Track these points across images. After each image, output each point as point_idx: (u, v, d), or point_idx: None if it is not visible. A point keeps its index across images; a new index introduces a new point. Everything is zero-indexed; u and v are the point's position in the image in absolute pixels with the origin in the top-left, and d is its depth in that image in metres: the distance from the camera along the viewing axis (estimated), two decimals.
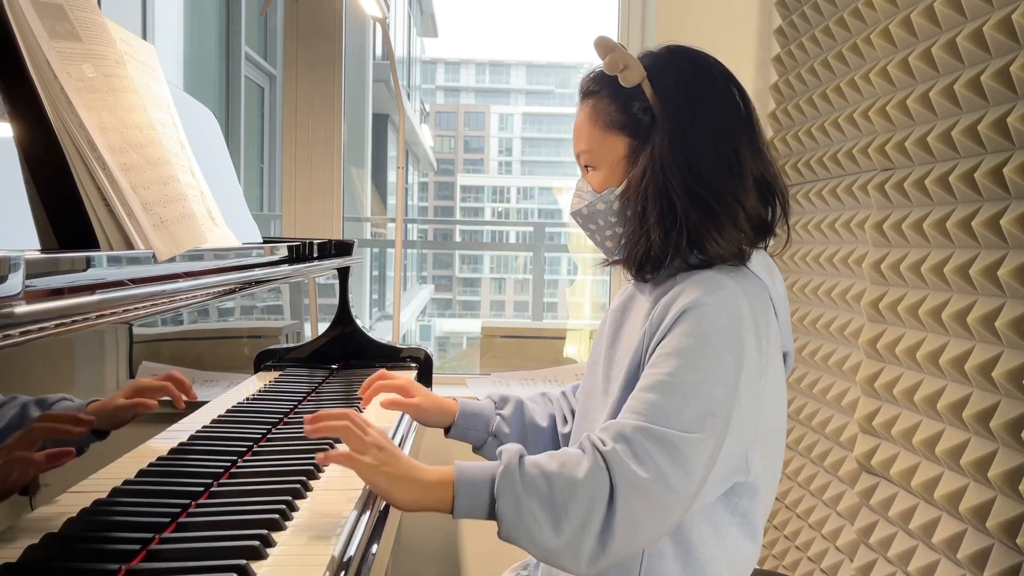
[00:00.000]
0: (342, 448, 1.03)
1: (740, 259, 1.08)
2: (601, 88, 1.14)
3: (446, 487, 0.97)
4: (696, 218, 1.06)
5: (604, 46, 1.11)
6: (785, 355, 1.15)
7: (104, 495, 0.86)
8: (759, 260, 1.12)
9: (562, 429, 1.32)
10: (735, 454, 1.03)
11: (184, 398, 1.07)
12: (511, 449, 0.99)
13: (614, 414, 1.07)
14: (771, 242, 1.17)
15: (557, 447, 1.30)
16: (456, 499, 0.96)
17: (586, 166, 1.16)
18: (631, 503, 0.94)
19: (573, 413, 1.32)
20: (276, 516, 0.94)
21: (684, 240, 1.07)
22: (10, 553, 0.71)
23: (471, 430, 1.31)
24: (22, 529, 0.74)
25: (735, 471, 1.04)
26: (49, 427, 0.76)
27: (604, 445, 0.97)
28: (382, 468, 0.97)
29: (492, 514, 0.96)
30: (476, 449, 1.32)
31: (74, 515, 0.80)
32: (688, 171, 1.06)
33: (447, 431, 1.32)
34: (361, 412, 1.45)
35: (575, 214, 1.18)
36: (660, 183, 1.07)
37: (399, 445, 1.29)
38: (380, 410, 1.37)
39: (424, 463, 1.01)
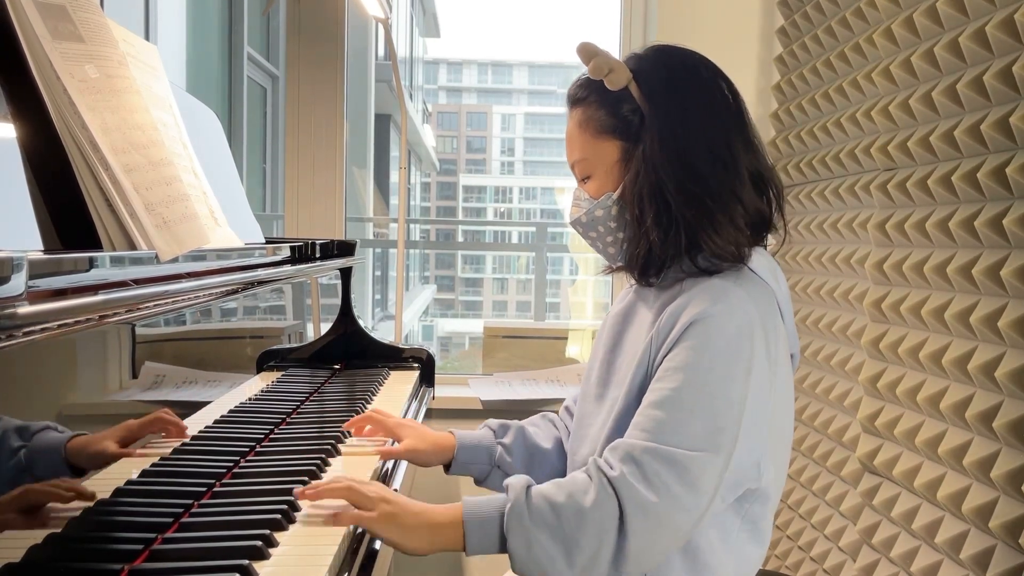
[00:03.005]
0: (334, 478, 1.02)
1: (739, 259, 1.07)
2: (589, 94, 1.12)
3: (456, 527, 0.97)
4: (692, 216, 1.05)
5: (587, 52, 1.10)
6: (792, 357, 1.14)
7: (107, 495, 0.86)
8: (763, 262, 1.10)
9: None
10: (746, 462, 1.02)
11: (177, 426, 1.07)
12: (517, 484, 0.99)
13: (615, 423, 1.07)
14: (770, 240, 1.16)
15: (561, 467, 1.27)
16: (467, 538, 0.96)
17: (582, 176, 1.15)
18: (642, 528, 0.94)
19: None
20: (279, 516, 0.94)
21: (683, 240, 1.06)
22: (13, 553, 0.71)
23: (473, 464, 1.26)
24: (25, 529, 0.74)
25: (746, 479, 1.03)
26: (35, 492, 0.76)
27: (612, 469, 0.97)
28: (392, 521, 0.97)
29: (504, 549, 0.96)
30: (479, 482, 1.28)
31: (77, 515, 0.80)
32: (681, 169, 1.05)
33: (447, 468, 1.27)
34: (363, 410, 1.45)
35: (575, 223, 1.16)
36: (654, 184, 1.06)
37: (391, 471, 1.27)
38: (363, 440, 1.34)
39: (423, 482, 1.00)
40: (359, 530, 0.98)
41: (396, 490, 1.22)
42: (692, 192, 1.05)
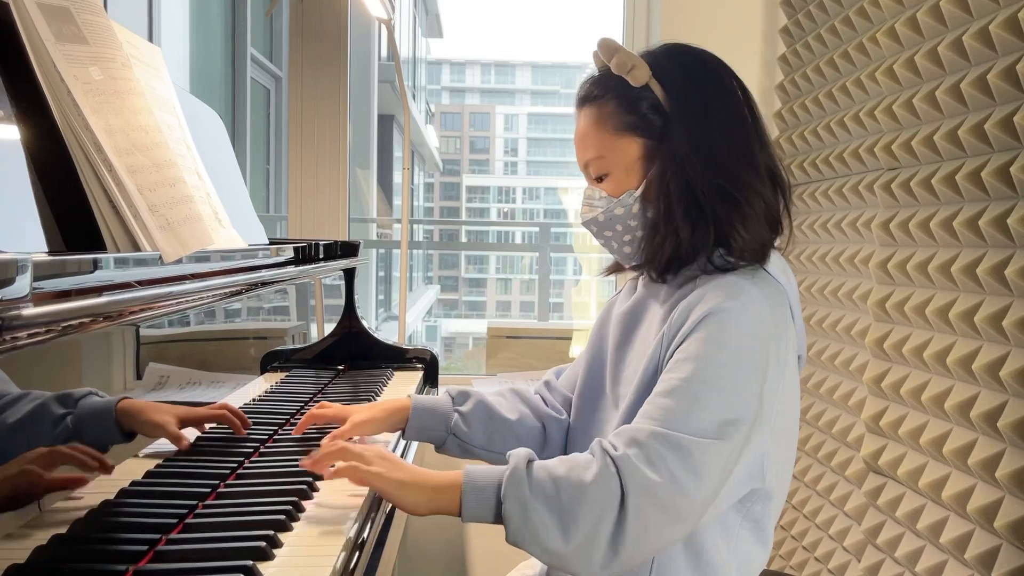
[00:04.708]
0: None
1: (762, 258, 1.07)
2: (605, 92, 1.11)
3: (454, 490, 0.97)
4: (723, 212, 1.05)
5: (609, 48, 1.09)
6: (799, 358, 1.14)
7: (111, 496, 0.86)
8: (776, 262, 1.10)
9: (558, 416, 1.27)
10: (752, 461, 1.02)
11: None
12: (519, 454, 0.98)
13: (622, 419, 1.06)
14: (779, 240, 1.16)
15: (528, 441, 1.25)
16: (463, 502, 0.96)
17: (597, 175, 1.13)
18: (643, 508, 0.94)
19: (567, 401, 1.28)
20: (283, 517, 0.94)
21: (712, 236, 1.05)
22: (18, 554, 0.72)
23: (429, 429, 1.22)
24: (30, 530, 0.74)
25: (751, 478, 1.03)
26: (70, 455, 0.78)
27: (615, 450, 0.96)
28: (389, 475, 0.97)
29: (500, 518, 0.96)
30: (438, 449, 1.25)
31: (82, 516, 0.81)
32: (711, 165, 1.05)
33: (403, 433, 1.23)
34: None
35: (589, 223, 1.14)
36: (682, 180, 1.06)
37: (402, 455, 1.28)
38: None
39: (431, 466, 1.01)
40: (363, 531, 0.98)
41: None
42: (722, 188, 1.05)
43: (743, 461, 1.00)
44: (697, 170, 1.05)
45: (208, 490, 1.01)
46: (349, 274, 1.98)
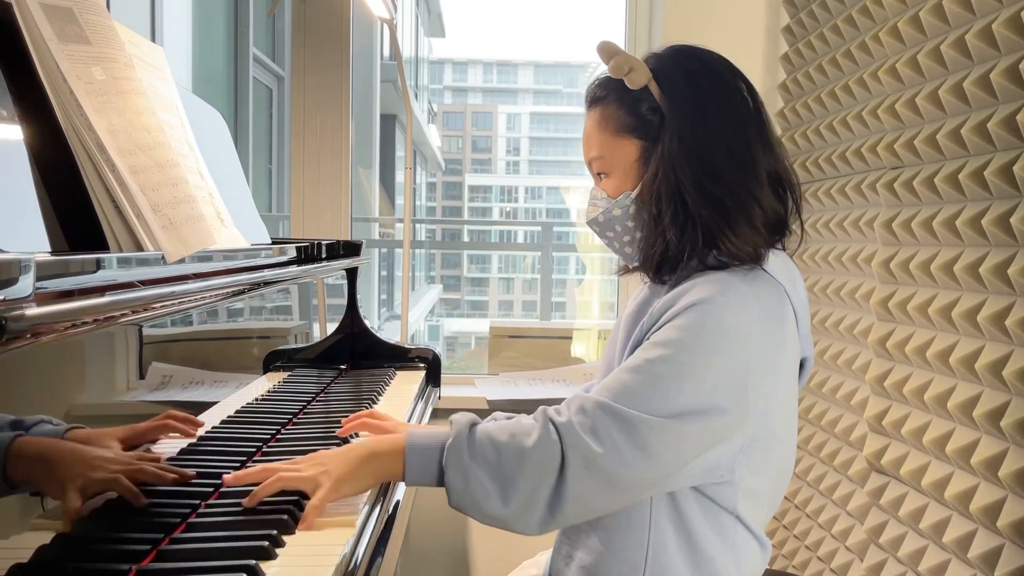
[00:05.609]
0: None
1: (756, 260, 1.07)
2: (607, 93, 1.13)
3: (397, 456, 0.99)
4: (709, 216, 1.05)
5: (607, 51, 1.10)
6: (804, 361, 1.14)
7: (114, 496, 0.86)
8: (779, 264, 1.10)
9: None
10: (723, 454, 1.02)
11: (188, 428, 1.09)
12: (461, 419, 1.01)
13: None
14: (786, 241, 1.16)
15: None
16: (406, 467, 0.99)
17: (599, 173, 1.15)
18: (582, 476, 0.95)
19: None
20: (285, 516, 0.94)
21: (700, 239, 1.06)
22: (21, 553, 0.72)
23: None
24: (33, 529, 0.74)
25: (716, 468, 1.03)
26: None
27: (560, 416, 0.98)
28: (340, 484, 0.98)
29: (442, 482, 0.98)
30: None
31: (85, 515, 0.81)
32: (700, 169, 1.05)
33: None
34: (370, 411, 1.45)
35: (591, 223, 1.16)
36: (672, 183, 1.06)
37: None
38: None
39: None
40: (365, 530, 0.98)
41: None
42: (710, 192, 1.05)
43: (713, 449, 1.00)
44: (687, 173, 1.05)
45: (211, 489, 1.01)
46: (351, 273, 1.98)
